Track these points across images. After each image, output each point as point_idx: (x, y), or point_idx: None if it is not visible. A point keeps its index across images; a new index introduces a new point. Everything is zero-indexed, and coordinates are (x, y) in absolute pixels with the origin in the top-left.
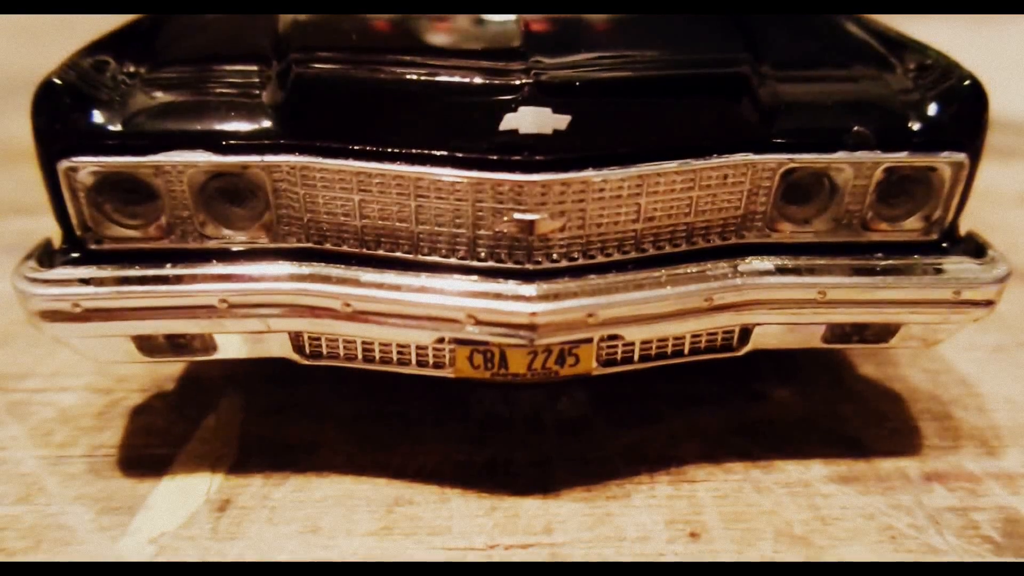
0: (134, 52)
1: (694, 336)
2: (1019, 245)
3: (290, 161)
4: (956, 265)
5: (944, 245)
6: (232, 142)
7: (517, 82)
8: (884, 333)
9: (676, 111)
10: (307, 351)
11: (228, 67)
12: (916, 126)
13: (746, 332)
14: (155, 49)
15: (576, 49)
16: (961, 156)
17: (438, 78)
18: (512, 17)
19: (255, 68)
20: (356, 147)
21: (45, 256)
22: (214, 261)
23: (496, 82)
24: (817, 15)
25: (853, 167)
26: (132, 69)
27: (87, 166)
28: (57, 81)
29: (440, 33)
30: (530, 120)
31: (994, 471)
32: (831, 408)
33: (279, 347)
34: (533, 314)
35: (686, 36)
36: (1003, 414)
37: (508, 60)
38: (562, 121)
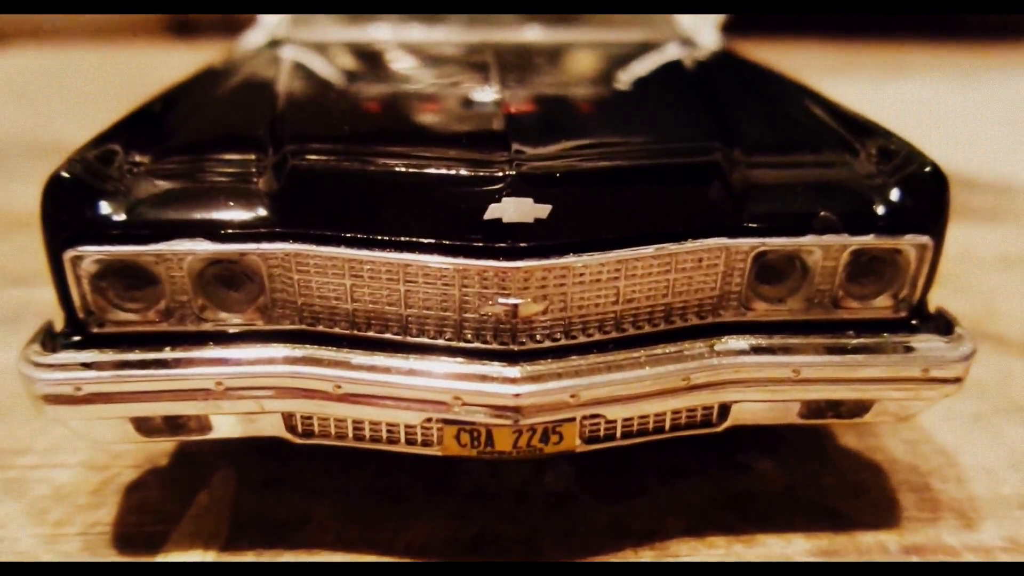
0: (140, 140)
1: (674, 413)
2: (998, 310)
3: (285, 249)
4: (924, 343)
5: (914, 322)
6: (230, 231)
7: (500, 173)
8: (858, 409)
9: (652, 198)
10: (299, 430)
11: (227, 156)
12: (881, 210)
13: (725, 409)
14: (160, 136)
15: (555, 135)
16: (925, 239)
17: (426, 169)
18: (495, 96)
19: (252, 157)
20: (348, 235)
21: (48, 339)
22: (211, 344)
23: (481, 173)
24: (786, 98)
25: (822, 249)
26: (137, 159)
27: (92, 255)
28: (65, 175)
29: (428, 113)
30: (513, 210)
31: (972, 544)
32: (813, 479)
33: (272, 427)
34: (517, 396)
35: (661, 121)
36: (981, 485)
37: (492, 148)
38: (543, 210)
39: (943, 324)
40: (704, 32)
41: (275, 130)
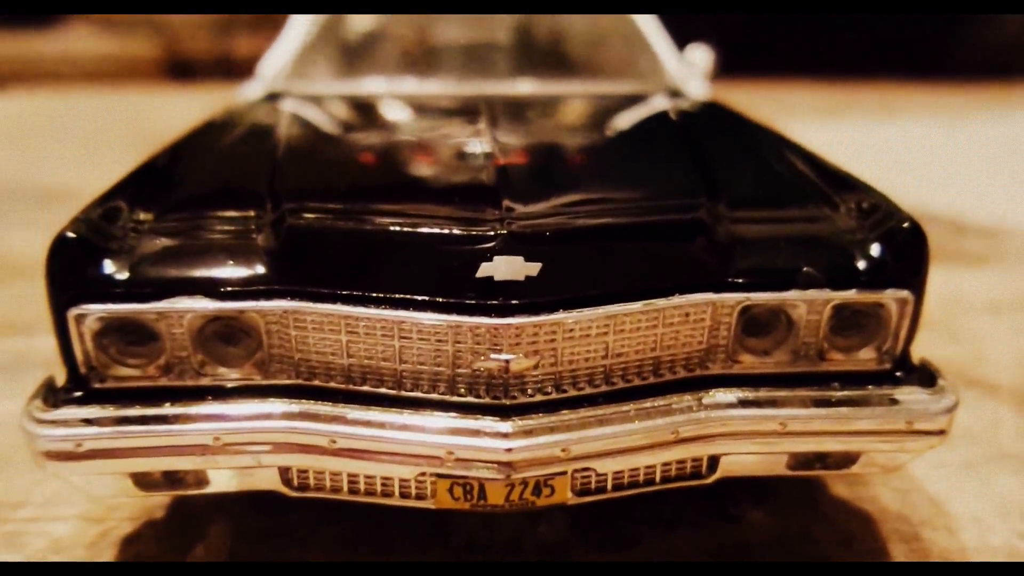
0: (144, 197)
1: (664, 465)
2: (986, 356)
3: (283, 307)
4: (908, 396)
5: (898, 374)
6: (230, 289)
7: (492, 232)
8: (845, 460)
9: (640, 255)
10: (295, 484)
11: (228, 212)
12: (862, 265)
13: (714, 461)
14: (163, 193)
15: (545, 191)
16: (905, 293)
17: (420, 228)
18: (486, 149)
19: (252, 213)
20: (344, 293)
21: (49, 394)
22: (209, 398)
23: (473, 232)
24: (769, 150)
25: (806, 304)
26: (141, 216)
27: (95, 313)
28: (71, 235)
29: (421, 167)
30: (504, 268)
31: None
32: (804, 530)
33: (268, 480)
34: (509, 450)
35: (648, 175)
36: (971, 534)
37: (483, 205)
38: (533, 268)
39: (927, 376)
40: (692, 82)
41: (274, 186)
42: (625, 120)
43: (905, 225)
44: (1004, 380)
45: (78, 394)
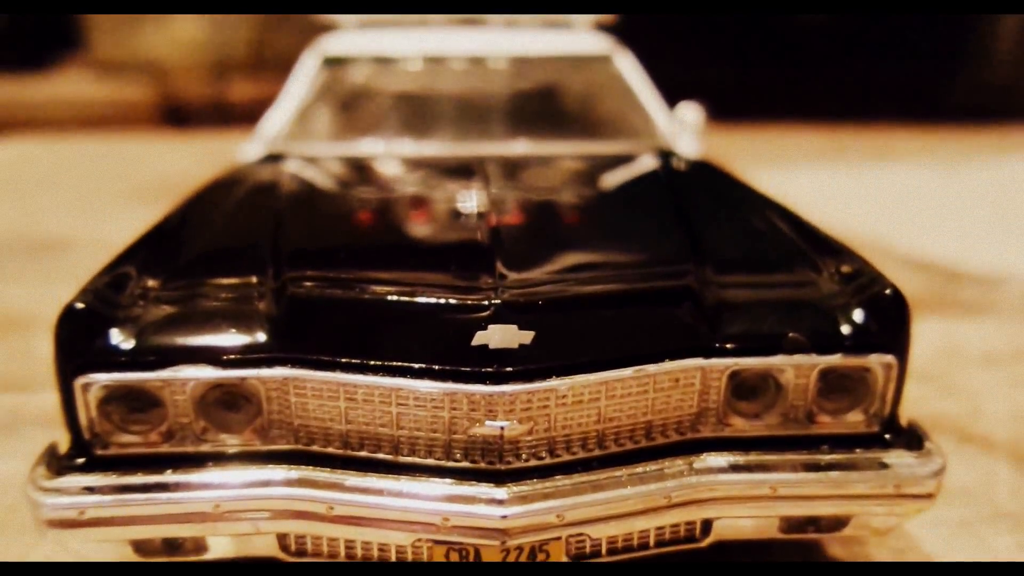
0: (150, 264)
1: (658, 529)
2: (983, 410)
3: (284, 374)
4: (896, 459)
5: (886, 437)
6: (232, 357)
7: (486, 301)
8: (837, 523)
9: (630, 321)
10: (292, 549)
11: (231, 279)
12: (847, 330)
13: (708, 525)
14: (169, 259)
15: (537, 256)
16: (889, 358)
17: (416, 297)
18: (480, 212)
19: (254, 280)
20: (343, 361)
21: (53, 461)
22: (209, 465)
23: (468, 301)
24: (755, 213)
25: (794, 368)
26: (147, 284)
27: (101, 381)
28: (79, 306)
29: (418, 230)
30: (498, 336)
31: None
32: None
33: (266, 546)
34: (504, 517)
35: (638, 240)
36: None
37: (478, 272)
38: (527, 336)
39: (915, 438)
40: (683, 141)
41: (276, 251)
42: (617, 181)
43: (887, 292)
44: (1001, 436)
45: (81, 461)
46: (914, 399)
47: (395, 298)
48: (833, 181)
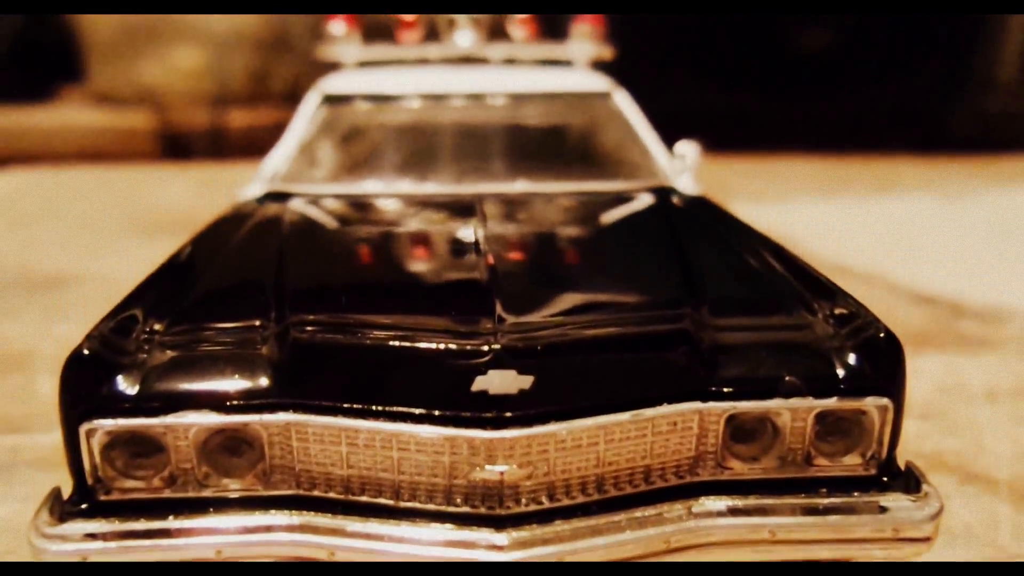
0: (155, 308)
1: None
2: (986, 448)
3: (286, 419)
4: (893, 503)
5: (884, 479)
6: (235, 402)
7: (486, 346)
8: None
9: (628, 365)
10: None
11: (234, 323)
12: (842, 373)
13: None
14: (174, 302)
15: (536, 298)
16: (885, 401)
17: (417, 343)
18: (481, 254)
19: (257, 323)
20: (345, 406)
21: (56, 506)
22: (211, 510)
23: (468, 346)
24: (752, 252)
25: (790, 411)
26: (152, 328)
27: (106, 427)
28: (85, 352)
29: (419, 270)
30: (498, 382)
31: None
32: None
33: None
34: (504, 564)
35: (636, 282)
36: None
37: (478, 315)
38: (526, 381)
39: (912, 481)
40: (681, 178)
41: (279, 293)
42: (615, 220)
43: (881, 335)
44: (1003, 474)
45: (84, 506)
46: (916, 436)
47: (396, 343)
48: (835, 213)
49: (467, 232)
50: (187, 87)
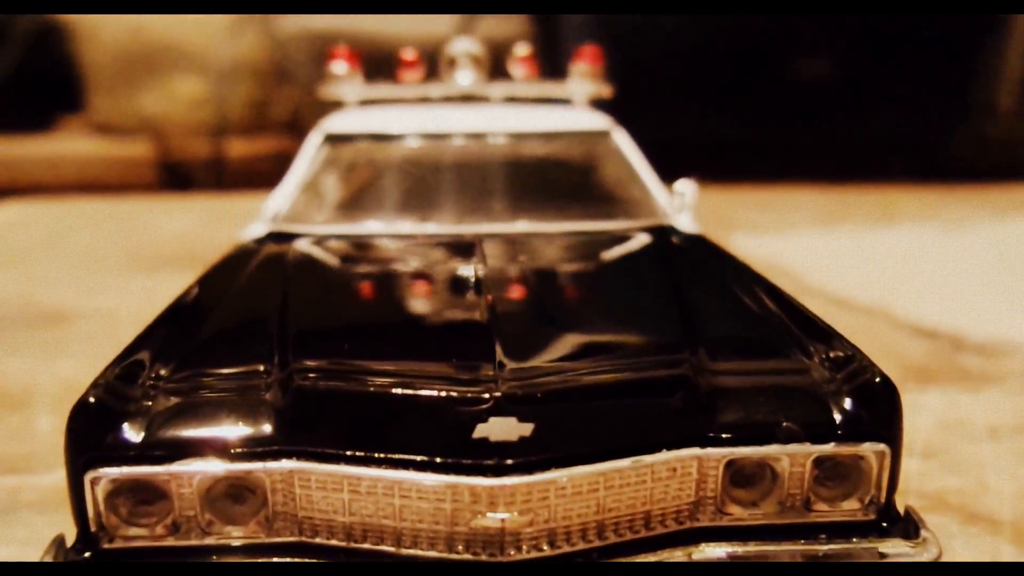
0: (159, 354)
1: None
2: (989, 486)
3: (289, 467)
4: (892, 549)
5: (883, 524)
6: (239, 450)
7: (487, 394)
8: None
9: (627, 412)
10: None
11: (238, 368)
12: (839, 419)
13: None
14: (178, 348)
15: (536, 342)
16: (882, 446)
17: (419, 391)
18: (482, 297)
19: (261, 368)
20: (348, 454)
21: (60, 554)
22: (213, 558)
23: (468, 394)
24: (748, 294)
25: (789, 457)
26: (157, 373)
27: (110, 475)
28: (91, 400)
29: (421, 315)
30: (498, 429)
31: None
32: None
33: None
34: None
35: (634, 326)
36: None
37: (479, 361)
38: (527, 428)
39: (911, 527)
40: (680, 217)
41: (282, 338)
42: (615, 261)
43: (878, 380)
44: (1006, 514)
45: (88, 555)
46: (918, 475)
47: (398, 390)
48: (834, 243)
49: (468, 274)
50: (187, 117)
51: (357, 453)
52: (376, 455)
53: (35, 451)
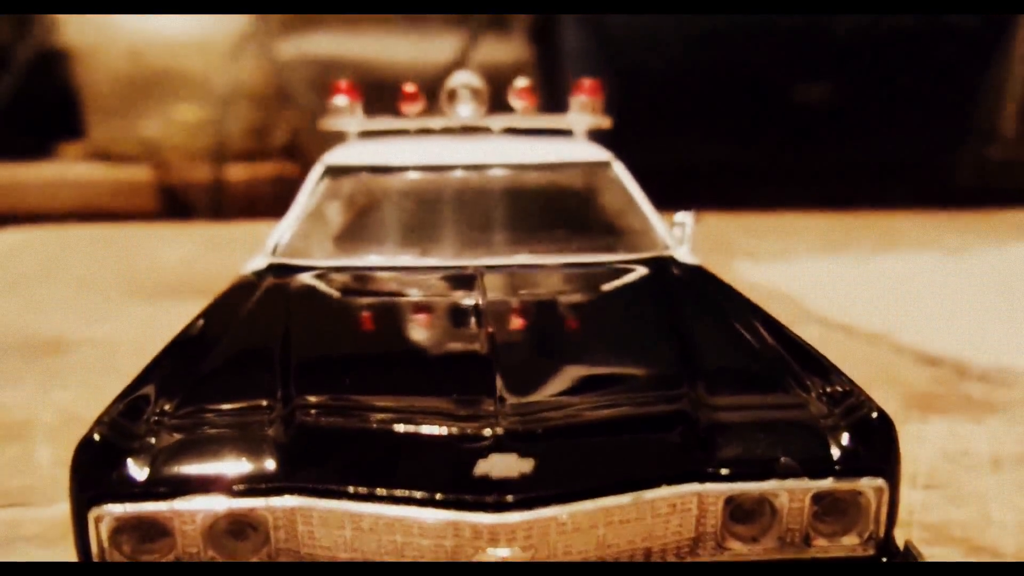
0: (163, 389)
1: None
2: (992, 518)
3: (293, 504)
4: None
5: (883, 559)
6: (243, 487)
7: (488, 431)
8: None
9: (627, 448)
10: None
11: (241, 404)
12: (837, 454)
13: None
14: (182, 383)
15: (536, 376)
16: (880, 481)
17: (421, 426)
18: (482, 331)
19: (264, 403)
20: (350, 491)
21: None
22: None
23: (469, 430)
24: (747, 326)
25: (787, 492)
26: (161, 409)
27: (114, 513)
28: (95, 438)
29: (423, 349)
30: (499, 466)
31: None
32: None
33: None
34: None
35: (633, 359)
36: None
37: (480, 396)
38: (527, 464)
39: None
40: (680, 249)
41: (285, 372)
42: (614, 293)
43: (874, 415)
44: (1009, 546)
45: None
46: (922, 507)
47: (400, 426)
48: (837, 270)
49: (469, 307)
50: (187, 142)
51: (359, 490)
52: (378, 492)
53: (34, 483)
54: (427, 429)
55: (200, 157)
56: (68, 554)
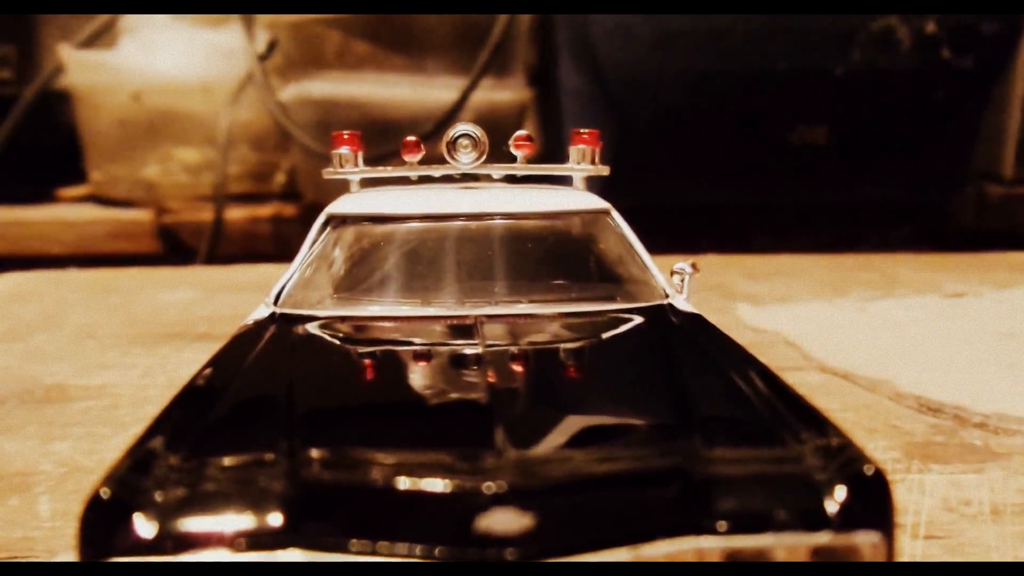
0: (170, 443)
1: None
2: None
3: (296, 558)
4: None
5: None
6: (247, 541)
7: (488, 485)
8: None
9: (625, 502)
10: None
11: (245, 457)
12: (832, 508)
13: None
14: (190, 433)
15: (536, 428)
16: (876, 536)
17: (421, 481)
18: (482, 381)
19: (270, 457)
20: (353, 545)
21: None
22: None
23: (469, 486)
24: (742, 376)
25: (785, 548)
26: (170, 463)
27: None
28: (103, 495)
29: (423, 400)
30: (499, 521)
31: None
32: None
33: None
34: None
35: (632, 409)
36: None
37: (480, 449)
38: (527, 520)
39: None
40: (677, 299)
41: (289, 427)
42: (613, 344)
43: (868, 470)
44: None
45: None
46: (923, 558)
47: (401, 480)
48: (837, 314)
49: (470, 356)
50: (187, 185)
51: (362, 545)
52: (379, 547)
53: (35, 535)
54: (428, 484)
55: (200, 199)
56: None
